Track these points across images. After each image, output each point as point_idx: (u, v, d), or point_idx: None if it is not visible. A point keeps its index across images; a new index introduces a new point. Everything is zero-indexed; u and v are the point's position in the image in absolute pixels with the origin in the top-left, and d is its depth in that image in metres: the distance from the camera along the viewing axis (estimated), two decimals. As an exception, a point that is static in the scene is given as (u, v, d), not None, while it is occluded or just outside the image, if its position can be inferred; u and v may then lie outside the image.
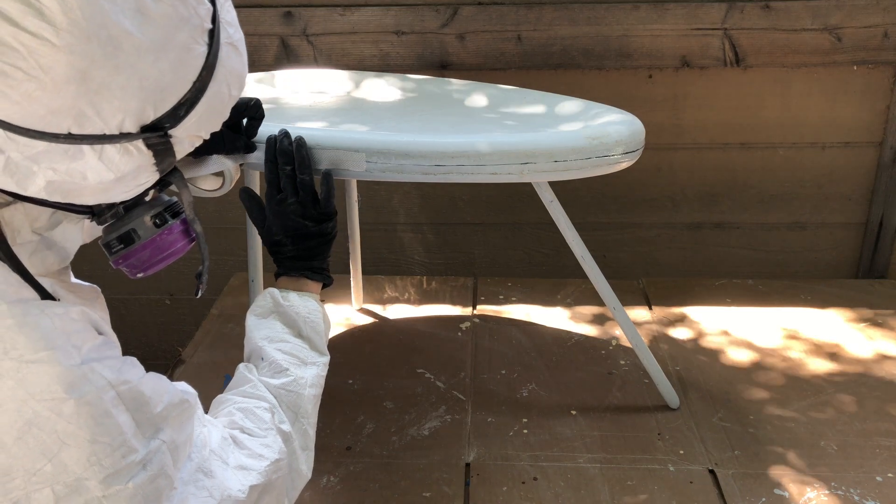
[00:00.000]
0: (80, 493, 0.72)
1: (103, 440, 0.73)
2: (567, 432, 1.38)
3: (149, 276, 0.89)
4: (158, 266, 0.88)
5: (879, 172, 1.94)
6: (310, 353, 1.03)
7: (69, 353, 0.73)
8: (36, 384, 0.70)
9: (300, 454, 0.97)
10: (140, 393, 0.77)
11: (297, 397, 0.98)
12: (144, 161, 0.72)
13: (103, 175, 0.70)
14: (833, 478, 1.26)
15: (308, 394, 1.00)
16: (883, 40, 1.81)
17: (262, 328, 1.03)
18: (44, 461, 0.71)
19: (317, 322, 1.06)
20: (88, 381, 0.73)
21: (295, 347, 1.02)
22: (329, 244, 1.12)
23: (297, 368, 1.00)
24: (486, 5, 1.81)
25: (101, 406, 0.73)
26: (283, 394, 0.97)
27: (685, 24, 1.80)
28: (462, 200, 2.01)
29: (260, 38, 1.84)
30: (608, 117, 1.31)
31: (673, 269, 2.05)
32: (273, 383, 0.97)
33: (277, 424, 0.94)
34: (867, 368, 1.56)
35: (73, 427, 0.71)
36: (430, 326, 1.72)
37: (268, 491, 0.91)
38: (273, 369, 0.99)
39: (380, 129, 1.31)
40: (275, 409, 0.95)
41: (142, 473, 0.76)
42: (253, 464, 0.89)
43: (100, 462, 0.73)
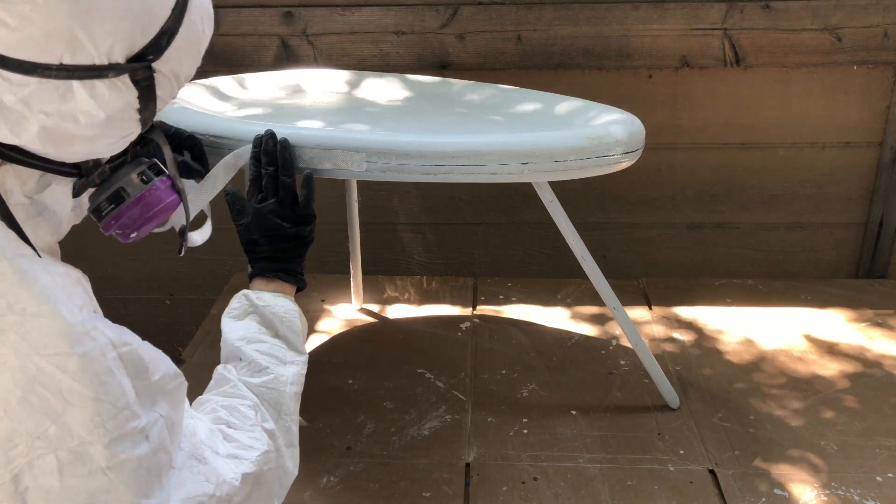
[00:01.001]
0: (84, 462, 0.72)
1: (106, 400, 0.73)
2: (567, 432, 1.38)
3: (140, 237, 0.91)
4: (149, 224, 0.89)
5: (879, 172, 1.94)
6: (288, 353, 1.03)
7: (72, 309, 0.74)
8: (40, 338, 0.71)
9: (285, 451, 0.97)
10: (139, 357, 0.77)
11: (278, 395, 0.98)
12: (131, 99, 0.74)
13: (94, 114, 0.72)
14: (833, 478, 1.26)
15: (289, 391, 1.00)
16: (883, 40, 1.81)
17: (238, 330, 1.02)
18: (48, 423, 0.71)
19: (293, 321, 1.05)
20: (91, 339, 0.73)
21: (273, 347, 1.02)
22: (305, 247, 1.12)
23: (276, 367, 1.00)
24: (486, 5, 1.81)
25: (105, 364, 0.74)
26: (264, 392, 0.97)
27: (685, 24, 1.80)
28: (462, 200, 2.01)
29: (260, 38, 1.84)
30: (608, 117, 1.31)
31: (673, 269, 2.05)
32: (253, 382, 0.97)
33: (261, 423, 0.94)
34: (867, 368, 1.56)
35: (77, 385, 0.71)
36: (430, 326, 1.72)
37: (260, 483, 0.90)
38: (252, 369, 0.99)
39: (380, 129, 1.31)
40: (258, 408, 0.95)
41: (144, 444, 0.76)
42: (244, 454, 0.89)
43: (104, 424, 0.73)
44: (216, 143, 1.19)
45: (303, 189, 1.13)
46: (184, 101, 1.36)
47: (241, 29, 1.84)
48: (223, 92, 1.51)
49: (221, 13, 1.83)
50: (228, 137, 1.18)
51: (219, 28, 1.84)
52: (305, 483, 1.25)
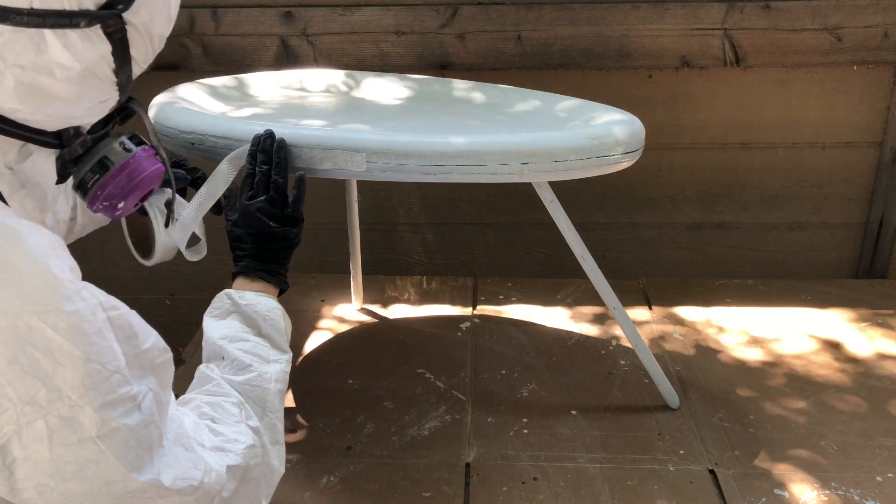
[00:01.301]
0: (73, 430, 0.71)
1: (97, 361, 0.72)
2: (567, 432, 1.38)
3: (128, 211, 0.91)
4: (136, 193, 0.89)
5: (879, 172, 1.94)
6: (272, 351, 1.02)
7: (62, 268, 0.73)
8: (32, 294, 0.70)
9: (271, 449, 0.95)
10: (129, 324, 0.77)
11: (262, 392, 0.97)
12: (104, 51, 0.74)
13: (69, 66, 0.73)
14: (833, 478, 1.26)
15: (273, 388, 0.98)
16: (883, 40, 1.81)
17: (220, 329, 1.01)
18: (38, 385, 0.70)
19: (276, 320, 1.04)
20: (82, 298, 0.73)
21: (256, 346, 1.01)
22: (290, 249, 1.10)
23: (260, 365, 0.99)
24: (486, 5, 1.81)
25: (95, 324, 0.73)
26: (247, 389, 0.96)
27: (685, 24, 1.80)
28: (462, 200, 2.01)
29: (260, 38, 1.84)
30: (608, 117, 1.31)
31: (673, 269, 2.05)
32: (236, 380, 0.96)
33: (245, 420, 0.93)
34: (867, 368, 1.56)
35: (67, 344, 0.71)
36: (430, 326, 1.72)
37: (247, 479, 0.89)
38: (235, 367, 0.98)
39: (380, 129, 1.31)
40: (242, 405, 0.94)
41: (136, 414, 0.75)
42: (229, 446, 0.88)
43: (95, 387, 0.72)
44: (216, 143, 1.19)
45: (294, 190, 1.12)
46: (184, 100, 1.36)
47: (241, 29, 1.84)
48: (223, 92, 1.51)
49: (221, 13, 1.83)
50: (228, 137, 1.18)
51: (219, 28, 1.84)
52: (305, 483, 1.25)
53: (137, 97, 0.91)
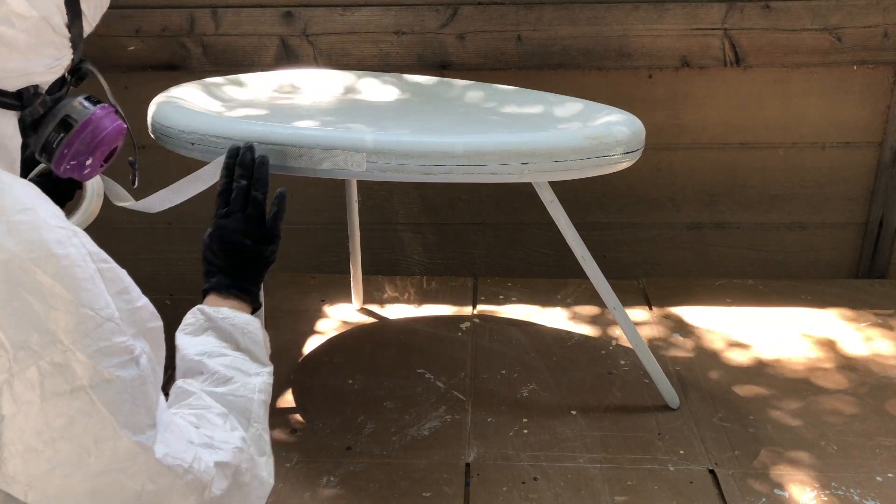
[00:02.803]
0: (65, 377, 0.69)
1: (90, 307, 0.71)
2: (567, 432, 1.38)
3: (95, 172, 0.92)
4: (102, 149, 0.91)
5: (879, 172, 1.94)
6: (252, 365, 0.98)
7: (53, 212, 0.73)
8: (23, 237, 0.69)
9: (258, 460, 0.91)
10: (119, 278, 0.76)
11: (247, 402, 0.93)
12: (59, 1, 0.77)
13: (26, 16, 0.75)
14: (833, 478, 1.26)
15: (258, 398, 0.95)
16: (883, 40, 1.81)
17: (196, 345, 0.96)
18: (30, 330, 0.68)
19: (255, 333, 1.00)
20: (72, 244, 0.72)
21: (236, 360, 0.97)
22: (264, 268, 1.07)
23: (242, 376, 0.95)
24: (486, 5, 1.81)
25: (87, 271, 0.72)
26: (231, 400, 0.92)
27: (685, 24, 1.80)
28: (462, 200, 2.01)
29: (260, 38, 1.84)
30: (608, 117, 1.31)
31: (673, 269, 2.05)
32: (219, 391, 0.92)
33: (231, 430, 0.89)
34: (867, 368, 1.56)
35: (59, 287, 0.69)
36: (430, 326, 1.72)
37: (238, 483, 0.85)
38: (217, 380, 0.94)
39: (380, 129, 1.31)
40: (226, 416, 0.90)
41: (133, 368, 0.73)
42: (219, 445, 0.85)
43: (88, 333, 0.70)
44: (216, 143, 1.19)
45: (273, 207, 1.08)
46: (183, 100, 1.36)
47: (241, 29, 1.84)
48: (222, 92, 1.51)
49: (221, 13, 1.83)
50: (228, 137, 1.18)
51: (219, 28, 1.84)
52: (305, 483, 1.25)
53: (137, 95, 0.92)
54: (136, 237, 2.03)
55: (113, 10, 2.00)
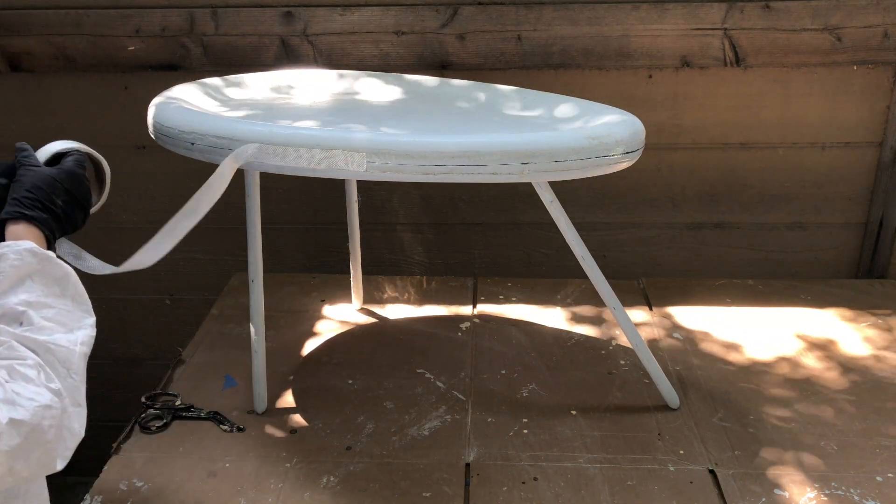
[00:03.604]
0: None
1: None
2: (567, 432, 1.38)
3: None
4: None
5: (879, 172, 1.94)
6: (77, 314, 0.97)
7: None
8: None
9: (72, 411, 0.91)
10: None
11: (68, 353, 0.92)
12: None
13: None
14: (833, 478, 1.26)
15: (80, 350, 0.94)
16: (883, 40, 1.81)
17: (18, 292, 0.94)
18: None
19: (77, 282, 0.99)
20: None
21: (60, 312, 0.95)
22: None
23: (65, 330, 0.94)
24: (486, 5, 1.81)
25: None
26: (53, 349, 0.91)
27: (685, 24, 1.80)
28: (462, 200, 2.01)
29: (260, 38, 1.84)
30: (608, 117, 1.31)
31: (673, 269, 2.05)
32: (40, 339, 0.91)
33: (46, 383, 0.88)
34: (867, 368, 1.56)
35: None
36: (430, 326, 1.72)
37: (36, 440, 0.85)
38: (38, 328, 0.92)
39: (380, 129, 1.31)
40: (40, 367, 0.89)
41: None
42: (20, 401, 0.84)
43: None
44: (216, 143, 1.19)
45: None
46: (183, 100, 1.36)
47: (241, 29, 1.84)
48: (222, 92, 1.51)
49: (221, 13, 1.83)
50: (228, 137, 1.18)
51: (219, 28, 1.84)
52: (305, 483, 1.25)
53: (137, 95, 0.91)
54: (137, 237, 2.02)
55: (113, 10, 2.01)
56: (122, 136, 1.90)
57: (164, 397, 1.46)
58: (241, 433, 1.37)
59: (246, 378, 1.49)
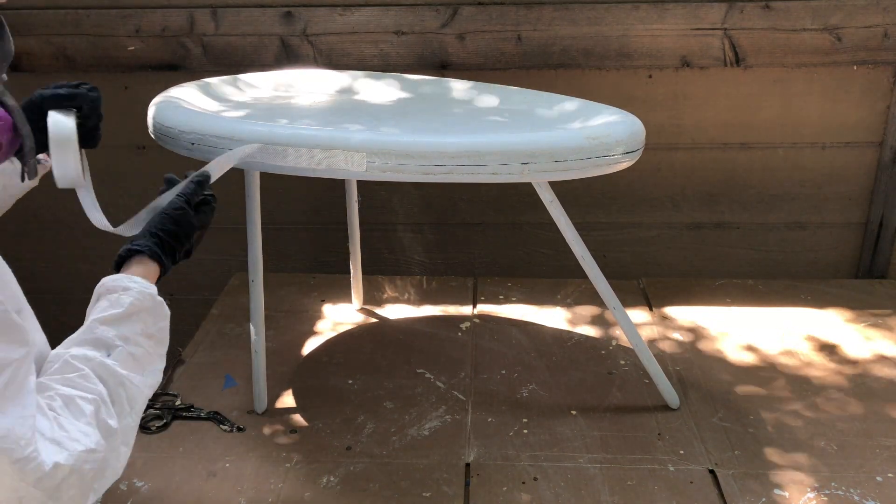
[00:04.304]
0: None
1: None
2: (567, 432, 1.38)
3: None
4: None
5: (879, 172, 1.94)
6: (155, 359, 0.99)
7: None
8: None
9: (122, 451, 0.92)
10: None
11: (137, 392, 0.94)
12: None
13: None
14: (833, 478, 1.26)
15: (146, 394, 0.97)
16: (883, 40, 1.81)
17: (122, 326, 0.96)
18: None
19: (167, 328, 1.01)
20: None
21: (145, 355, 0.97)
22: None
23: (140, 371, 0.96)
24: (486, 5, 1.81)
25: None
26: (127, 385, 0.93)
27: (685, 24, 1.80)
28: (462, 200, 2.01)
29: (260, 38, 1.84)
30: (608, 117, 1.31)
31: (673, 269, 2.05)
32: (120, 372, 0.93)
33: (104, 419, 0.89)
34: (867, 368, 1.56)
35: None
36: (430, 326, 1.72)
37: (72, 483, 0.85)
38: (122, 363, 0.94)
39: (380, 129, 1.31)
40: (103, 403, 0.90)
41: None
42: (67, 444, 0.85)
43: None
44: (216, 143, 1.19)
45: None
46: (183, 100, 1.36)
47: (241, 29, 1.84)
48: (222, 92, 1.51)
49: (221, 13, 1.83)
50: (228, 137, 1.18)
51: (219, 28, 1.84)
52: (305, 483, 1.25)
53: (137, 95, 0.91)
54: (136, 237, 2.02)
55: (113, 10, 2.01)
56: (122, 136, 1.90)
57: (165, 397, 1.46)
58: (241, 433, 1.37)
59: (246, 378, 1.49)
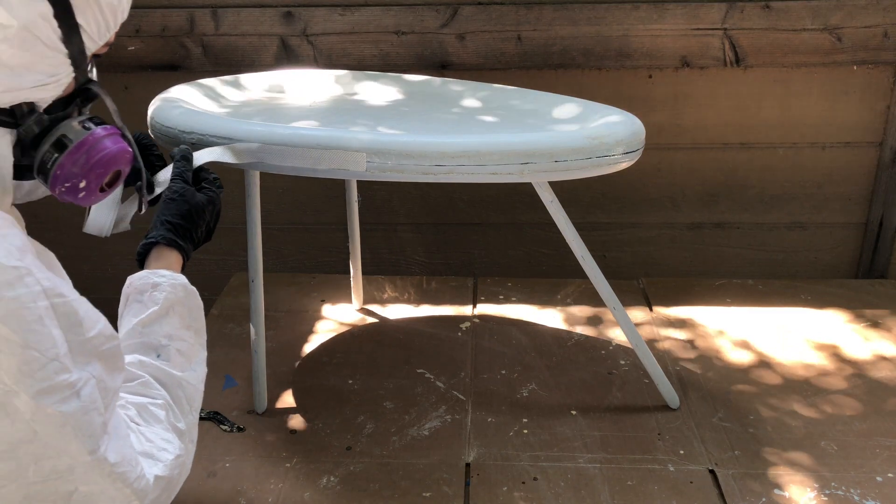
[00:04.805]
0: (7, 412, 0.71)
1: (36, 349, 0.72)
2: (567, 432, 1.38)
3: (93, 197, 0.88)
4: (97, 172, 0.87)
5: (879, 172, 1.94)
6: (202, 353, 1.02)
7: (9, 250, 0.72)
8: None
9: (191, 449, 0.96)
10: (74, 311, 0.76)
11: (194, 391, 0.97)
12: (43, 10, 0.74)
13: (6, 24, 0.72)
14: (833, 478, 1.26)
15: (201, 389, 1.00)
16: (883, 40, 1.81)
17: (163, 323, 0.98)
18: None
19: (202, 318, 1.05)
20: (24, 284, 0.72)
21: (188, 346, 1.00)
22: None
23: (193, 365, 0.99)
24: (486, 5, 1.81)
25: (35, 311, 0.72)
26: (185, 386, 0.96)
27: (685, 24, 1.80)
28: (462, 200, 2.01)
29: (260, 38, 1.84)
30: (608, 117, 1.31)
31: (673, 269, 2.05)
32: (176, 374, 0.96)
33: (173, 422, 0.92)
34: (867, 368, 1.56)
35: (6, 329, 0.70)
36: (430, 326, 1.72)
37: (169, 490, 0.89)
38: (174, 363, 0.97)
39: (380, 129, 1.31)
40: (169, 408, 0.93)
41: (74, 401, 0.74)
42: (158, 455, 0.88)
43: (32, 374, 0.71)
44: (216, 144, 1.19)
45: None
46: (182, 100, 1.36)
47: (241, 29, 1.84)
48: (222, 92, 1.51)
49: (221, 13, 1.83)
50: (228, 137, 1.18)
51: (219, 28, 1.84)
52: (305, 483, 1.25)
53: (137, 95, 0.91)
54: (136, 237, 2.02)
55: (113, 10, 1.98)
56: (122, 136, 1.91)
57: (165, 397, 1.46)
58: (241, 433, 1.37)
59: (246, 378, 1.49)
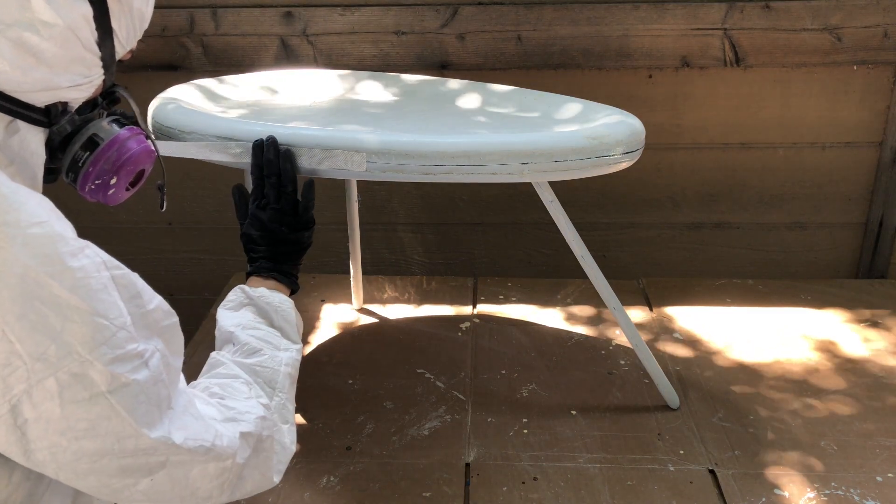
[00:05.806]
0: (84, 385, 0.72)
1: (105, 317, 0.73)
2: (567, 432, 1.38)
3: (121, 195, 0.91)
4: (127, 169, 0.90)
5: (879, 172, 1.94)
6: (283, 341, 1.05)
7: (66, 226, 0.74)
8: (38, 249, 0.70)
9: (282, 427, 0.97)
10: (132, 283, 0.78)
11: (272, 373, 0.99)
12: (85, 11, 0.76)
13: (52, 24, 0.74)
14: (833, 478, 1.26)
15: (284, 371, 1.00)
16: (883, 40, 1.81)
17: (233, 318, 1.04)
18: (47, 342, 0.70)
19: (288, 312, 1.07)
20: (86, 255, 0.73)
21: (267, 334, 1.03)
22: (302, 252, 1.15)
23: (271, 350, 1.01)
24: (486, 5, 1.81)
25: (100, 280, 0.73)
26: (258, 370, 0.98)
27: (685, 24, 1.80)
28: (462, 200, 2.01)
29: (260, 38, 1.84)
30: (608, 117, 1.31)
31: (673, 269, 2.05)
32: (247, 362, 0.98)
33: (256, 398, 0.94)
34: (867, 368, 1.56)
35: (75, 299, 0.71)
36: (430, 326, 1.72)
37: (259, 448, 0.90)
38: (246, 351, 1.00)
39: (380, 129, 1.31)
40: (251, 385, 0.95)
41: (145, 370, 0.76)
42: (241, 417, 0.90)
43: (104, 342, 0.72)
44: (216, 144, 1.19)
45: (304, 196, 1.15)
46: (182, 100, 1.36)
47: (241, 29, 1.84)
48: (222, 92, 1.51)
49: (221, 13, 1.83)
50: (228, 137, 1.18)
51: (219, 28, 1.84)
52: (305, 483, 1.25)
53: (137, 95, 0.91)
54: (136, 237, 2.03)
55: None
56: (122, 136, 1.90)
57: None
58: (241, 433, 1.37)
59: (246, 378, 1.49)
